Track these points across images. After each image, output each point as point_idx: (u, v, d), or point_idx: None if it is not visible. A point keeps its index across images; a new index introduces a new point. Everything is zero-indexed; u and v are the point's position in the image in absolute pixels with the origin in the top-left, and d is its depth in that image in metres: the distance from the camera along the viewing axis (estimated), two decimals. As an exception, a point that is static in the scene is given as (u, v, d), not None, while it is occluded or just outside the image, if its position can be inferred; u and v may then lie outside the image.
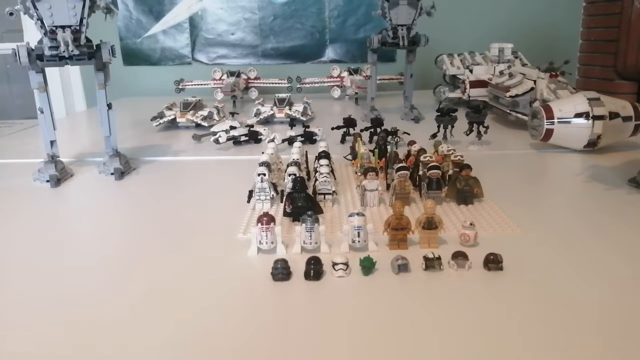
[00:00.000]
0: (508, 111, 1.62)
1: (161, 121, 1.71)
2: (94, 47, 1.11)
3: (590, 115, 1.24)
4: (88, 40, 1.10)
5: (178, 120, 1.71)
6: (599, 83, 2.37)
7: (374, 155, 1.09)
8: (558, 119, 1.26)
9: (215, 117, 1.73)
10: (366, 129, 1.43)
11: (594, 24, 2.45)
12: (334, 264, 0.66)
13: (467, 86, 1.91)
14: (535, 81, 1.55)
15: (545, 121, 1.26)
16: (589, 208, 0.94)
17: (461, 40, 2.34)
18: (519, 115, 1.57)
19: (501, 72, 1.86)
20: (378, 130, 1.40)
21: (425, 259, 0.68)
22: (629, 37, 2.18)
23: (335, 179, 1.04)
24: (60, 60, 1.07)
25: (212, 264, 0.72)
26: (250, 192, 0.93)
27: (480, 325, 0.56)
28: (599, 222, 0.86)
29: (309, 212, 0.74)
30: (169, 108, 1.78)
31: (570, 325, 0.55)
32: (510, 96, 1.59)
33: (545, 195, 1.04)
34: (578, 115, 1.25)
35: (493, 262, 0.67)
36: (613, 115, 1.26)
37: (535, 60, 1.98)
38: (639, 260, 0.71)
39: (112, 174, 1.15)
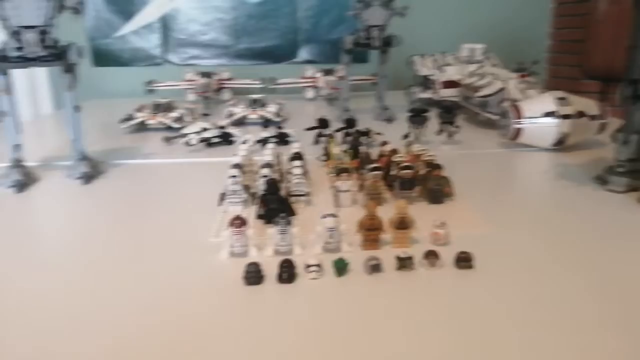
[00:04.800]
0: (478, 111, 1.65)
1: (131, 123, 1.68)
2: (61, 48, 1.07)
3: (558, 114, 1.26)
4: (55, 41, 1.06)
5: (149, 122, 1.68)
6: (567, 82, 2.43)
7: (347, 155, 1.09)
8: (527, 118, 1.28)
9: (187, 118, 1.71)
10: (340, 129, 1.44)
11: (562, 25, 2.51)
12: (307, 266, 0.66)
13: (439, 87, 1.93)
14: (505, 81, 1.58)
15: (514, 120, 1.28)
16: (557, 205, 0.96)
17: (433, 41, 2.36)
18: (489, 115, 1.59)
19: (472, 73, 1.88)
20: (351, 130, 1.41)
21: (398, 258, 0.68)
22: (595, 38, 2.24)
23: (308, 180, 1.04)
24: (26, 61, 1.04)
25: (183, 269, 0.71)
26: (222, 195, 0.92)
27: (451, 323, 0.56)
28: (567, 219, 0.88)
29: (282, 214, 0.74)
30: (139, 110, 1.75)
31: (541, 321, 0.56)
32: (480, 96, 1.61)
33: (514, 193, 1.06)
34: (546, 115, 1.27)
35: (464, 261, 0.68)
36: (580, 114, 1.29)
37: (506, 61, 2.01)
38: (606, 255, 0.73)
39: (79, 178, 1.12)
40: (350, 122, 1.44)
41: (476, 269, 0.68)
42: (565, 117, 1.26)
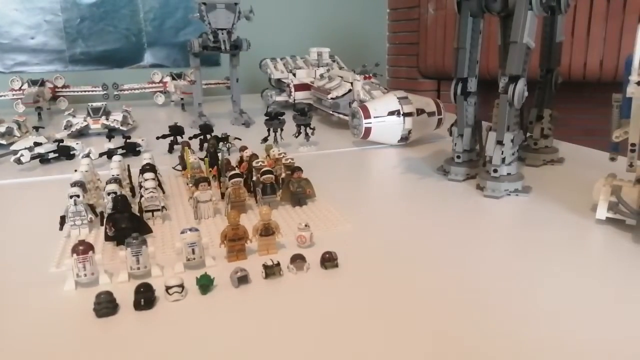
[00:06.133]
0: (331, 112, 1.71)
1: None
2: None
3: (401, 112, 1.36)
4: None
5: (-35, 139, 1.44)
6: (406, 82, 2.65)
7: (204, 163, 1.05)
8: (374, 117, 1.36)
9: (16, 133, 1.50)
10: (195, 136, 1.38)
11: (398, 29, 2.73)
12: (168, 288, 0.61)
13: (292, 90, 1.97)
14: (352, 83, 1.66)
15: (363, 121, 1.35)
16: (407, 197, 1.03)
17: (284, 45, 2.40)
18: (341, 116, 1.66)
19: (321, 76, 1.95)
20: (208, 137, 1.36)
21: (265, 267, 0.67)
22: (427, 41, 2.48)
23: (163, 193, 0.97)
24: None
25: (21, 307, 0.61)
26: (63, 218, 0.82)
27: (321, 323, 0.56)
28: (417, 209, 0.95)
29: (134, 234, 0.67)
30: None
31: (405, 313, 0.59)
32: (331, 98, 1.67)
33: (369, 188, 1.11)
34: (391, 113, 1.36)
35: (329, 261, 0.69)
36: (420, 111, 1.40)
37: (350, 63, 2.12)
38: (459, 238, 0.79)
39: None
40: (206, 128, 1.39)
41: (341, 267, 0.69)
42: (407, 114, 1.36)
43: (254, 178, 0.96)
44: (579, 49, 1.87)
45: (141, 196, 0.87)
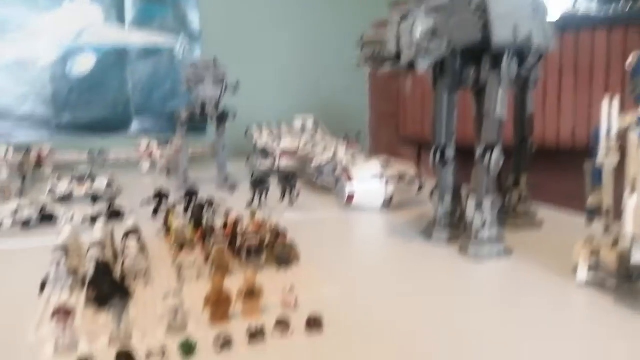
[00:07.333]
0: (314, 180, 1.74)
1: None
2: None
3: (384, 177, 1.40)
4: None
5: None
6: (387, 148, 2.72)
7: (189, 227, 1.05)
8: (357, 183, 1.39)
9: (-2, 198, 1.49)
10: (180, 201, 1.38)
11: (379, 98, 2.84)
12: (149, 354, 0.59)
13: (278, 157, 2.01)
14: (335, 150, 1.71)
15: (347, 186, 1.38)
16: (392, 260, 1.04)
17: (269, 112, 2.48)
18: (325, 182, 1.69)
19: (306, 143, 2.00)
20: (193, 200, 1.37)
21: (248, 332, 0.66)
22: (405, 110, 2.58)
23: (146, 256, 0.96)
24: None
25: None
26: (44, 284, 0.80)
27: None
28: (402, 272, 0.95)
29: (116, 299, 0.66)
30: None
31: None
32: (315, 166, 1.71)
33: (354, 252, 1.12)
34: (373, 178, 1.40)
35: (314, 325, 0.68)
36: (401, 176, 1.44)
37: (334, 129, 2.19)
38: (442, 303, 0.79)
39: None
40: (191, 193, 1.40)
41: (326, 330, 0.68)
42: (390, 179, 1.40)
43: (239, 242, 0.96)
44: (551, 119, 1.97)
45: (123, 262, 0.86)
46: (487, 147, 0.98)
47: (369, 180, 1.39)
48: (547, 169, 1.88)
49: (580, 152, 1.95)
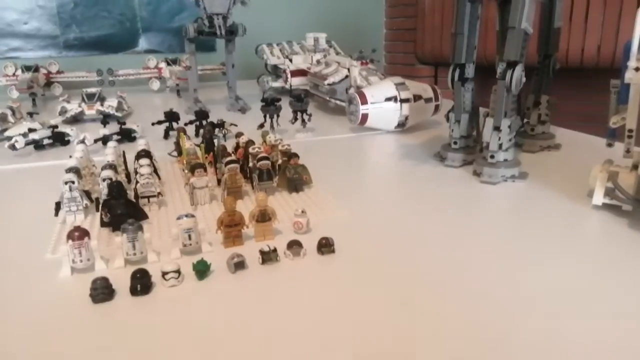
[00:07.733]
0: (327, 99, 1.70)
1: None
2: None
3: (398, 98, 1.35)
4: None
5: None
6: (403, 68, 2.63)
7: (200, 150, 1.04)
8: (371, 104, 1.35)
9: (10, 119, 1.48)
10: (191, 122, 1.37)
11: (395, 14, 2.70)
12: (164, 274, 0.61)
13: (289, 75, 1.95)
14: (349, 69, 1.65)
15: (360, 107, 1.35)
16: (404, 183, 1.03)
17: (280, 30, 2.38)
18: (338, 102, 1.65)
19: (318, 61, 1.93)
20: (204, 123, 1.35)
21: (261, 252, 0.66)
22: (424, 26, 2.46)
23: (159, 179, 0.97)
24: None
25: (17, 293, 0.61)
26: (58, 204, 0.81)
27: (318, 309, 0.56)
28: (414, 194, 0.95)
29: (130, 220, 0.67)
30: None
31: (402, 297, 0.59)
32: (328, 84, 1.66)
33: (366, 175, 1.11)
34: (388, 100, 1.36)
35: (325, 246, 0.69)
36: (417, 97, 1.39)
37: (347, 49, 2.11)
38: (454, 224, 0.79)
39: None
40: (202, 114, 1.38)
41: (338, 252, 0.69)
42: (405, 100, 1.36)
43: (251, 164, 0.96)
44: (576, 35, 1.86)
45: (137, 182, 0.86)
46: (508, 64, 0.93)
47: (383, 100, 1.35)
48: (568, 88, 1.81)
49: (604, 69, 1.86)
